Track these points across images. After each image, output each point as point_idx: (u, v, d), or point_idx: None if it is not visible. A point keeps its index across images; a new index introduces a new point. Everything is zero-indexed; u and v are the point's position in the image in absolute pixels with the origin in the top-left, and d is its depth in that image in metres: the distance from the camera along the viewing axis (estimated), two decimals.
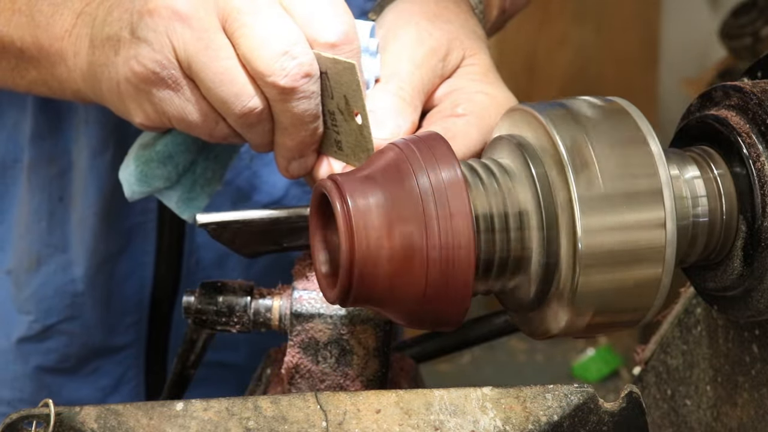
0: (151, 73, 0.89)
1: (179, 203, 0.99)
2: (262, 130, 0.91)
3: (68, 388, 1.33)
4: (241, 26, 0.87)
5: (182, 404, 0.78)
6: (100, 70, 0.95)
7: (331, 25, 0.88)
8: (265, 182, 1.27)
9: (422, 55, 0.95)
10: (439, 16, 0.98)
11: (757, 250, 0.80)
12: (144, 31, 0.89)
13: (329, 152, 0.93)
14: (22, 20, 1.03)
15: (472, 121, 0.93)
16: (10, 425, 0.75)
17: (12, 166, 1.27)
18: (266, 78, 0.87)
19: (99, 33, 0.95)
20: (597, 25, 3.85)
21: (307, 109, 0.89)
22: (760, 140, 0.80)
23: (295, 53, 0.86)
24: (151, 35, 0.88)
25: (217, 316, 0.97)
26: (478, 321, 1.27)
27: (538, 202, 0.79)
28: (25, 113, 1.24)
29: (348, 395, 0.79)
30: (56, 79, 1.02)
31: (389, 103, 0.92)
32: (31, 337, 1.30)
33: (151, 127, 0.95)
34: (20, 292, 1.30)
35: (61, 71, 1.00)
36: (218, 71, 0.87)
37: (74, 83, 1.00)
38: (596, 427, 0.79)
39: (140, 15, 0.89)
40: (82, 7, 0.98)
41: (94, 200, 1.25)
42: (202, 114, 0.90)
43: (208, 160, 1.00)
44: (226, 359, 1.33)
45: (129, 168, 0.98)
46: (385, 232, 0.77)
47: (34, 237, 1.28)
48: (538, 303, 0.81)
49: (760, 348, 0.89)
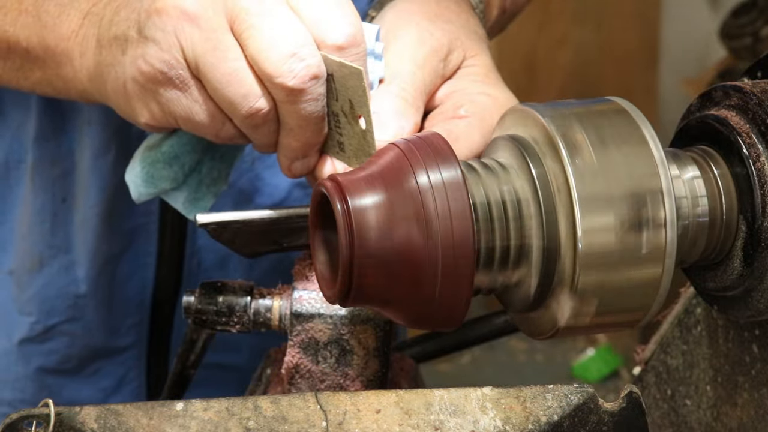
0: (158, 73, 0.89)
1: (186, 204, 0.99)
2: (267, 131, 0.91)
3: (69, 388, 1.33)
4: (249, 27, 0.87)
5: (182, 404, 0.78)
6: (106, 70, 0.95)
7: (339, 27, 0.88)
8: (268, 184, 1.27)
9: (424, 55, 0.95)
10: (439, 16, 0.98)
11: (757, 250, 0.80)
12: (152, 31, 0.89)
13: (331, 153, 0.93)
14: (28, 20, 1.03)
15: (473, 122, 0.93)
16: (10, 425, 0.75)
17: (16, 166, 1.27)
18: (274, 79, 0.87)
19: (106, 33, 0.95)
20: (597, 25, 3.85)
21: (314, 110, 0.89)
22: (760, 140, 0.80)
23: (303, 55, 0.86)
24: (159, 35, 0.88)
25: (217, 316, 0.97)
26: (478, 321, 1.27)
27: (535, 191, 0.79)
28: (29, 114, 1.24)
29: (348, 395, 0.79)
30: (62, 79, 1.02)
31: (392, 104, 0.92)
32: (32, 338, 1.30)
33: (156, 127, 0.95)
34: (22, 292, 1.30)
35: (67, 71, 1.00)
36: (226, 72, 0.87)
37: (80, 83, 1.00)
38: (596, 427, 0.79)
39: (148, 14, 0.89)
40: (89, 8, 0.98)
41: (96, 201, 1.25)
42: (209, 114, 0.91)
43: (214, 160, 1.00)
44: (227, 361, 1.33)
45: (135, 169, 0.97)
46: (385, 232, 0.77)
47: (36, 238, 1.28)
48: (539, 301, 0.81)
49: (760, 348, 0.89)
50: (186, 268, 1.29)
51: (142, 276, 1.29)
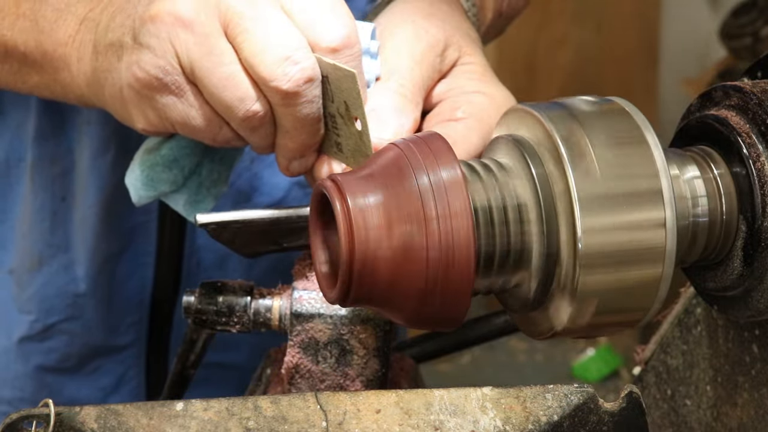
0: (153, 79, 0.89)
1: (186, 206, 0.99)
2: (264, 133, 0.91)
3: (69, 387, 1.33)
4: (243, 31, 0.87)
5: (182, 404, 0.78)
6: (103, 76, 0.95)
7: (333, 29, 0.88)
8: (266, 184, 1.27)
9: (421, 50, 0.95)
10: (434, 15, 0.98)
11: (757, 250, 0.80)
12: (146, 37, 0.89)
13: (329, 152, 0.93)
14: (26, 25, 1.03)
15: (471, 124, 0.93)
16: (9, 425, 0.75)
17: (16, 165, 1.27)
18: (269, 83, 0.87)
19: (102, 39, 0.95)
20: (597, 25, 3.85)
21: (309, 113, 0.89)
22: (760, 140, 0.80)
23: (297, 58, 0.87)
24: (154, 41, 0.88)
25: (217, 316, 0.97)
26: (478, 321, 1.27)
27: (536, 195, 0.79)
28: (29, 113, 1.24)
29: (348, 395, 0.79)
30: (59, 84, 1.02)
31: (391, 101, 0.92)
32: (32, 336, 1.30)
33: (153, 132, 0.95)
34: (22, 291, 1.30)
35: (65, 76, 1.01)
36: (221, 76, 0.88)
37: (77, 88, 1.00)
38: (596, 427, 0.79)
39: (142, 21, 0.89)
40: (86, 13, 0.98)
41: (95, 200, 1.25)
42: (206, 119, 0.91)
43: (213, 162, 1.00)
44: (228, 360, 1.33)
45: (134, 173, 0.98)
46: (385, 231, 0.77)
47: (36, 237, 1.28)
48: (539, 302, 0.81)
49: (760, 348, 0.89)
50: (185, 267, 1.29)
51: (141, 275, 1.29)
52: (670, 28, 3.92)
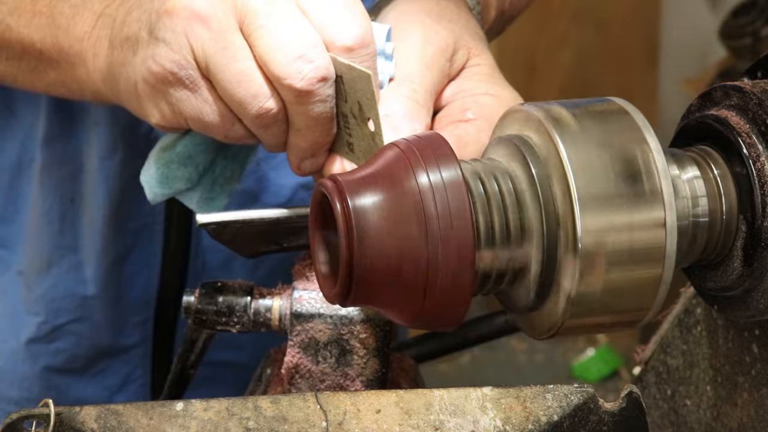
0: (168, 73, 0.90)
1: (200, 203, 0.99)
2: (277, 131, 0.91)
3: (75, 387, 1.33)
4: (258, 28, 0.87)
5: (182, 404, 0.78)
6: (118, 71, 0.95)
7: (348, 28, 0.88)
8: (273, 185, 1.27)
9: (431, 54, 0.95)
10: (442, 16, 0.98)
11: (757, 250, 0.80)
12: (162, 32, 0.89)
13: (341, 152, 0.93)
14: (42, 22, 1.03)
15: (482, 126, 0.93)
16: (10, 425, 0.75)
17: (29, 165, 1.27)
18: (282, 81, 0.87)
19: (118, 34, 0.95)
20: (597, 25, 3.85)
21: (323, 111, 0.89)
22: (760, 140, 0.80)
23: (311, 57, 0.87)
24: (170, 35, 0.89)
25: (217, 316, 0.97)
26: (478, 321, 1.27)
27: (536, 195, 0.79)
28: (38, 115, 1.25)
29: (348, 395, 0.79)
30: (76, 80, 1.02)
31: (403, 107, 0.92)
32: (40, 337, 1.31)
33: (167, 127, 0.95)
34: (30, 293, 1.30)
35: (81, 72, 1.01)
36: (236, 72, 0.88)
37: (93, 84, 1.00)
38: (596, 427, 0.79)
39: (159, 15, 0.90)
40: (102, 9, 0.99)
41: (102, 202, 1.25)
42: (219, 114, 0.91)
43: (227, 159, 1.00)
44: (230, 358, 1.33)
45: (150, 170, 0.98)
46: (384, 231, 0.77)
47: (45, 238, 1.28)
48: (538, 302, 0.81)
49: (760, 348, 0.89)
50: (191, 268, 1.29)
51: (147, 276, 1.29)
52: (670, 28, 3.92)
